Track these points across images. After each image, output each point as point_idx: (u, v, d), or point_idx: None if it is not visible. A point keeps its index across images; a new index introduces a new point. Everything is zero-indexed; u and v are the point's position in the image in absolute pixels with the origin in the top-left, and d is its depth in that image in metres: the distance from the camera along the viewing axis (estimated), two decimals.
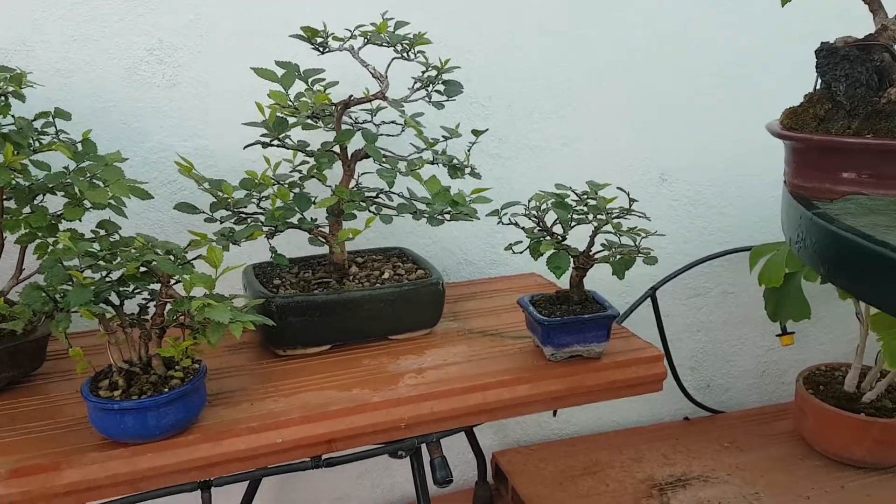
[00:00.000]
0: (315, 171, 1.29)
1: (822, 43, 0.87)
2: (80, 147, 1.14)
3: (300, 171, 1.30)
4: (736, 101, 1.72)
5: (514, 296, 1.46)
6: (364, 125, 1.31)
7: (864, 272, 0.67)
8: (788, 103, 0.91)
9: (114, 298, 1.00)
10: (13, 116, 1.11)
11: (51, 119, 1.13)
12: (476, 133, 1.30)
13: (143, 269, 0.98)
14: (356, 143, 1.26)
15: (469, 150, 1.29)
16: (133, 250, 0.95)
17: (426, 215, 1.19)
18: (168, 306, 0.99)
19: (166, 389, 0.97)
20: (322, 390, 1.11)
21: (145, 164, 1.38)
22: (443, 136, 1.31)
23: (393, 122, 1.33)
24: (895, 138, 0.78)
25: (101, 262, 0.96)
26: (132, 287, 1.03)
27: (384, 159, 1.21)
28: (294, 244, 1.45)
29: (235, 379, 1.15)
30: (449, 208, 1.18)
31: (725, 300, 1.86)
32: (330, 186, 1.24)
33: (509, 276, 1.62)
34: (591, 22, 1.59)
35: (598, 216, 1.08)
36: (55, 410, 1.07)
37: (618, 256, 1.08)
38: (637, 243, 1.09)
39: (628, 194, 1.15)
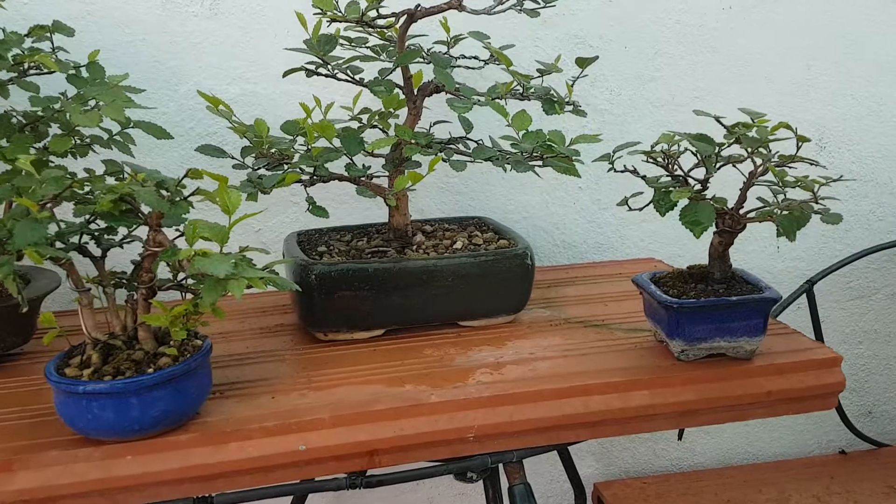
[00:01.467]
0: (377, 118, 1.03)
1: None
2: (84, 72, 0.92)
3: (360, 121, 1.05)
4: None
5: (625, 282, 1.14)
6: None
7: None
8: None
9: (93, 248, 0.77)
10: (3, 31, 0.90)
11: (48, 35, 0.92)
12: (581, 63, 1.00)
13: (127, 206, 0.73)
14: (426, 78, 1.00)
15: (572, 84, 0.99)
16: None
17: (510, 161, 0.90)
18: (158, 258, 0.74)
19: (150, 369, 0.72)
20: (366, 384, 0.83)
21: (181, 111, 1.17)
22: (537, 71, 1.02)
23: (475, 57, 1.05)
24: None
25: (75, 200, 0.72)
26: (120, 236, 0.79)
27: (458, 89, 0.93)
28: (354, 213, 1.20)
29: (260, 366, 0.90)
30: (540, 151, 0.88)
31: None
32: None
33: (619, 261, 1.30)
34: None
35: (758, 151, 0.75)
36: (31, 396, 0.84)
37: (785, 212, 0.75)
38: (815, 192, 0.75)
39: (795, 131, 0.82)
